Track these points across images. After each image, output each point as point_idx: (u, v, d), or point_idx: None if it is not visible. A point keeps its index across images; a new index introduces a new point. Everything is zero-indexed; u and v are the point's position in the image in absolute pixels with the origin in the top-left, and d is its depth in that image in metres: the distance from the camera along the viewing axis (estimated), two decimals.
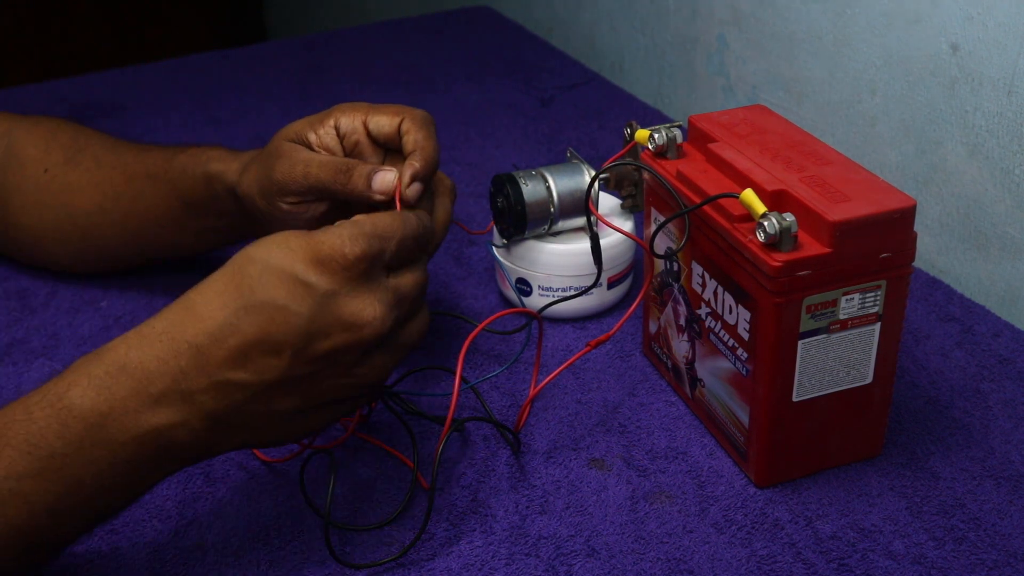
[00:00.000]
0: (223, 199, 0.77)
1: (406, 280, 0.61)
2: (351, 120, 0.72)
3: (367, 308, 0.57)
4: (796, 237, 0.62)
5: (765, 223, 0.61)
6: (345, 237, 0.57)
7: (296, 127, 0.73)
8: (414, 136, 0.70)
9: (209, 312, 0.56)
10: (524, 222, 0.82)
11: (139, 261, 0.90)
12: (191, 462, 0.59)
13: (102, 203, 0.83)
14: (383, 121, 0.71)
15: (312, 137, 0.72)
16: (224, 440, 0.58)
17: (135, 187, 0.82)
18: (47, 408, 0.55)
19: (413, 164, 0.68)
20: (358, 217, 0.60)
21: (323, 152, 0.72)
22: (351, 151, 0.73)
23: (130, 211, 0.83)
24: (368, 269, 0.58)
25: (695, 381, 0.74)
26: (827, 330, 0.65)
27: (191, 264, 0.89)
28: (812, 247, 0.62)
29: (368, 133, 0.72)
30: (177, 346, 0.56)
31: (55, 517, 0.55)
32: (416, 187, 0.68)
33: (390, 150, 0.73)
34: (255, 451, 0.72)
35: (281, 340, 0.56)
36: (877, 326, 0.66)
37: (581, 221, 0.84)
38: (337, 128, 0.72)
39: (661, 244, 0.74)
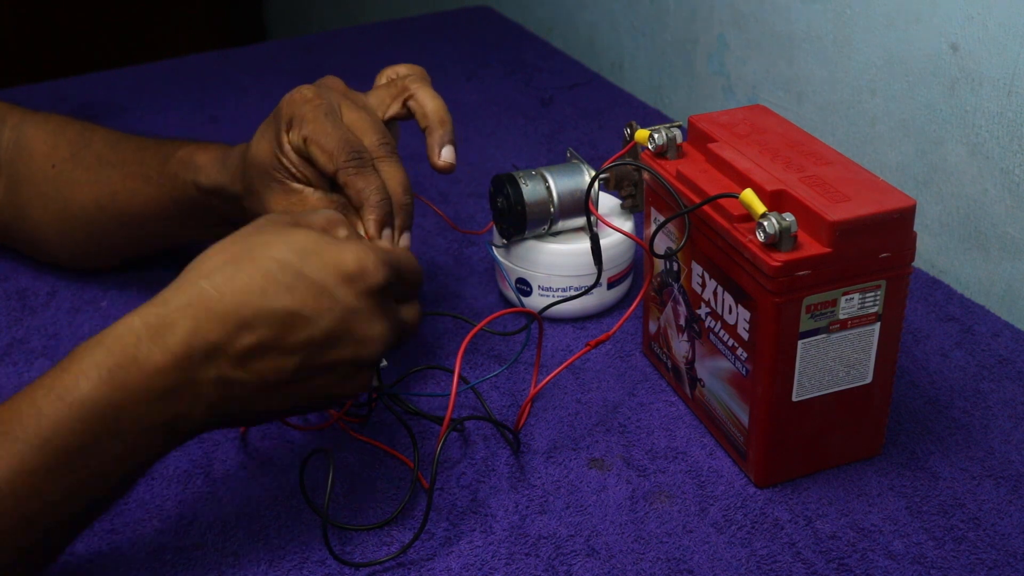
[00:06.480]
0: (215, 208, 0.79)
1: (410, 311, 0.65)
2: (296, 137, 0.71)
3: (379, 328, 0.60)
4: (796, 237, 0.62)
5: (765, 223, 0.61)
6: (374, 260, 0.60)
7: (264, 157, 0.72)
8: (355, 189, 0.70)
9: (224, 308, 0.57)
10: (524, 222, 0.82)
11: (138, 254, 0.92)
12: (192, 437, 0.60)
13: (100, 199, 0.85)
14: (319, 161, 0.71)
15: (287, 162, 0.72)
16: (223, 423, 0.61)
17: (130, 186, 0.84)
18: (57, 402, 0.54)
19: (369, 219, 0.70)
20: (383, 245, 0.67)
21: (301, 180, 0.72)
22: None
23: (126, 209, 0.84)
24: (386, 295, 0.61)
25: (695, 381, 0.74)
26: (827, 330, 0.65)
27: (190, 259, 0.89)
28: (812, 247, 0.62)
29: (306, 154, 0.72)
30: (190, 341, 0.56)
31: (67, 508, 0.56)
32: (387, 233, 0.71)
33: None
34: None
35: (295, 346, 0.58)
36: (877, 326, 0.66)
37: (581, 221, 0.84)
38: (292, 145, 0.72)
39: (661, 244, 0.74)
